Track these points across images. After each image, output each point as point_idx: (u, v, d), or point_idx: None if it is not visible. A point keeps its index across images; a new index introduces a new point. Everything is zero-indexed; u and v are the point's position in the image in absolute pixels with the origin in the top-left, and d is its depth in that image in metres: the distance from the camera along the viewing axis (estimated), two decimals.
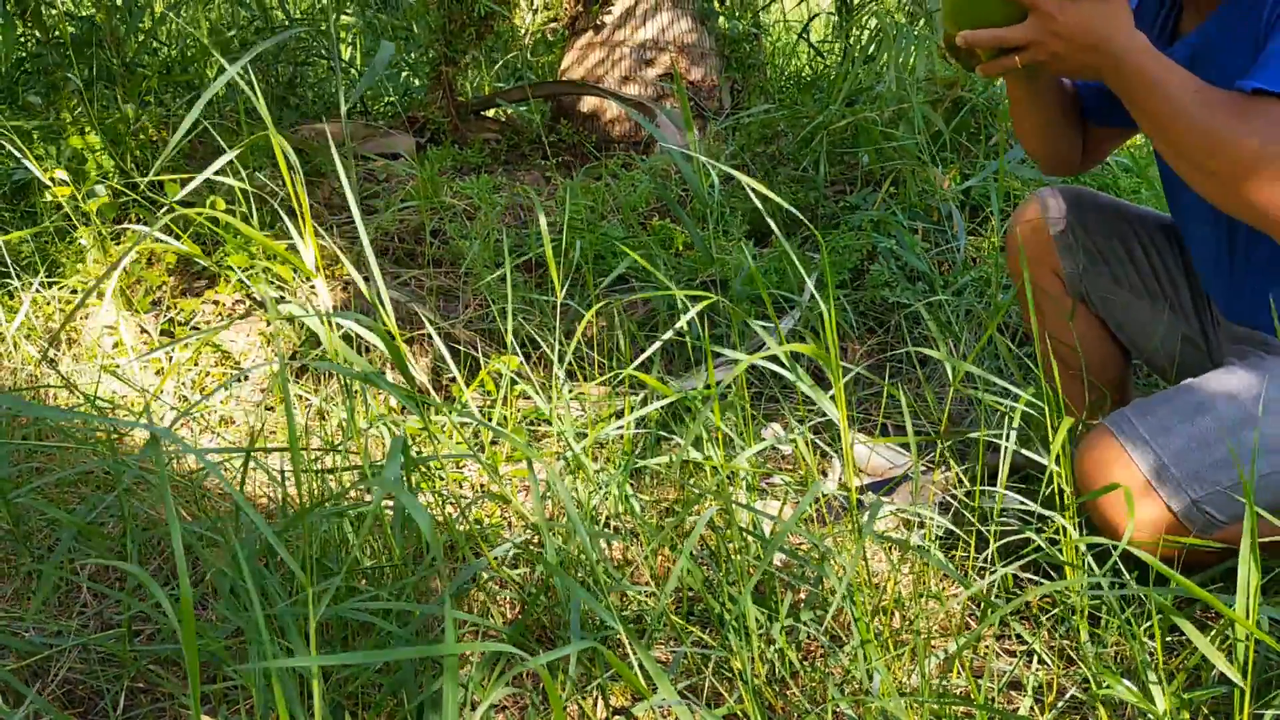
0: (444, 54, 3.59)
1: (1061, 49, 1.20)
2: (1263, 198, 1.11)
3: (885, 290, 2.45)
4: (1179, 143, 1.18)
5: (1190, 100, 1.15)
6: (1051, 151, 1.64)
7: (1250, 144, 1.11)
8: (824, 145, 2.89)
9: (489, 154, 3.51)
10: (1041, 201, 1.72)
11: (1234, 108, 1.13)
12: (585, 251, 2.38)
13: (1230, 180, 1.14)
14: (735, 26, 3.83)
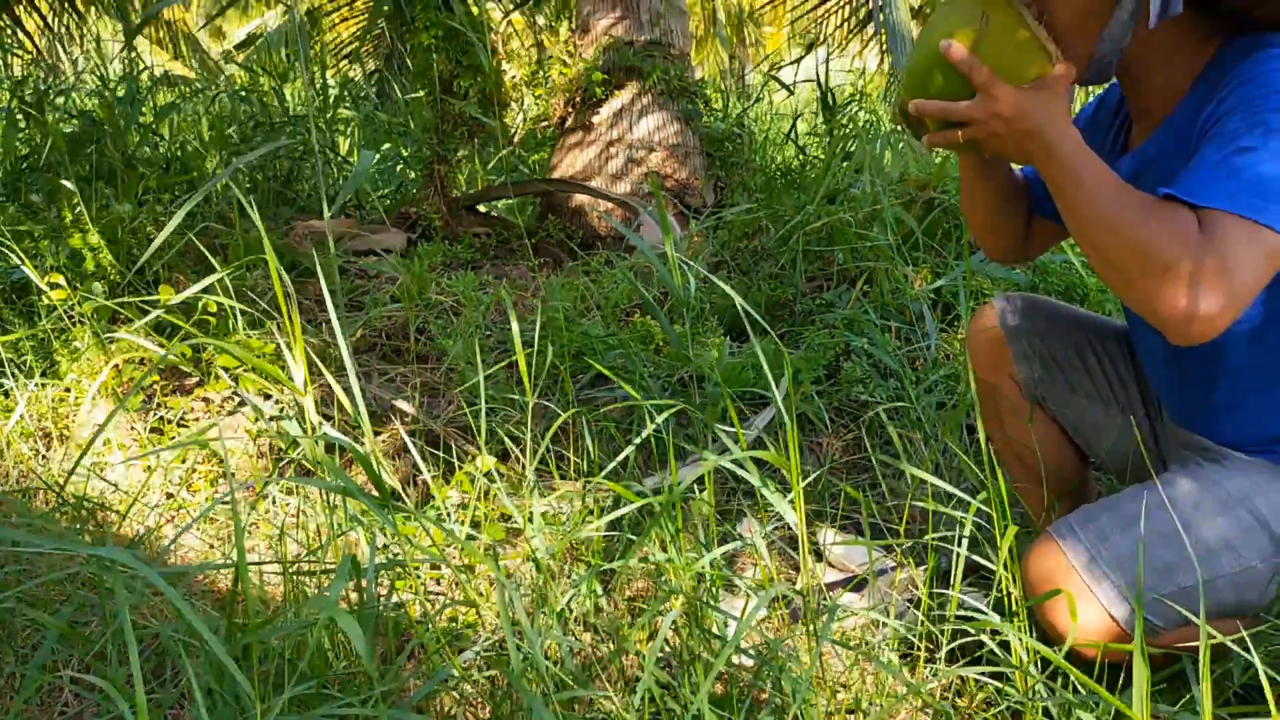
0: (436, 152, 3.71)
1: (1000, 129, 1.27)
2: (1155, 296, 1.16)
3: (859, 387, 2.52)
4: (1089, 233, 1.24)
5: (1105, 194, 1.22)
6: (996, 238, 1.70)
7: (1150, 242, 1.16)
8: (800, 244, 2.98)
9: (478, 249, 3.61)
10: (998, 309, 1.79)
11: (1142, 207, 1.19)
12: (565, 348, 2.45)
13: (1129, 275, 1.19)
14: (719, 127, 3.96)
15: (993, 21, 1.28)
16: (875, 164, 3.21)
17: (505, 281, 3.17)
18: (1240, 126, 1.20)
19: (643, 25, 3.86)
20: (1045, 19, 1.34)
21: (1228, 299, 1.13)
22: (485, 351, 2.60)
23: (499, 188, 3.88)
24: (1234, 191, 1.16)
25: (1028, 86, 1.27)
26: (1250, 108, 1.21)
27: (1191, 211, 1.17)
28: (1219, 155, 1.19)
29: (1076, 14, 1.33)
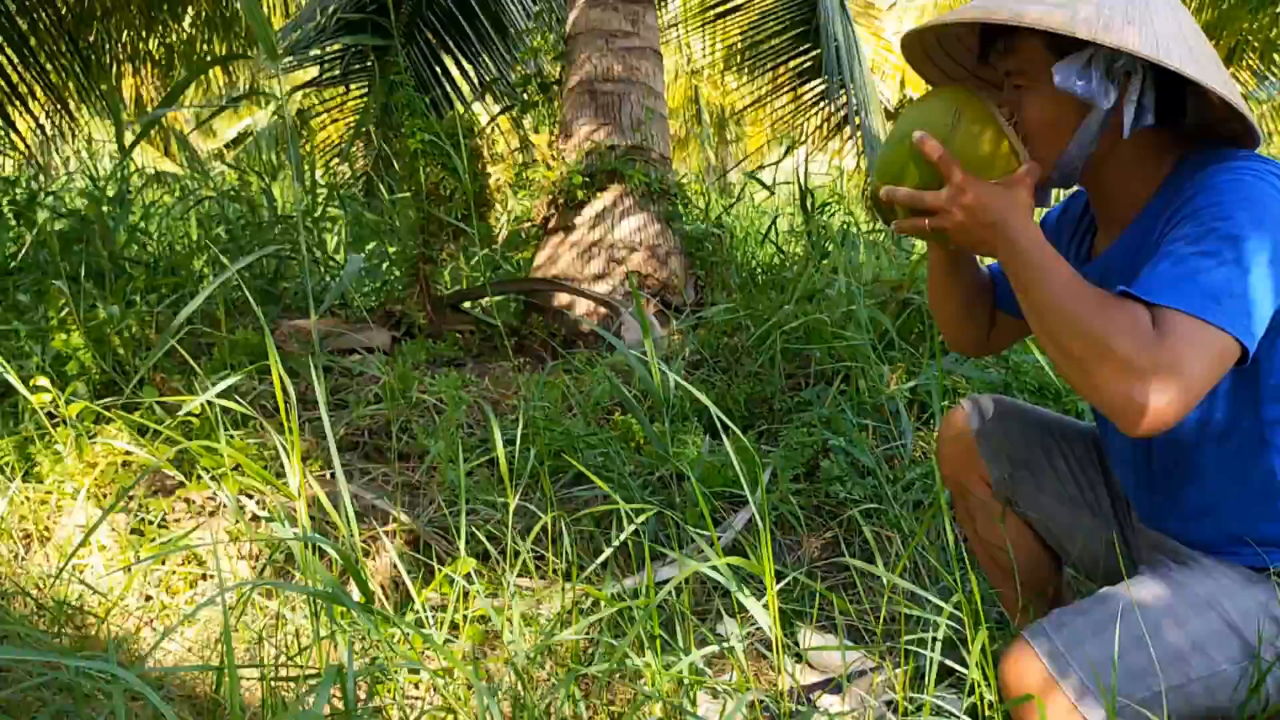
0: (422, 252, 3.78)
1: (965, 220, 1.33)
2: (1108, 388, 1.20)
3: (837, 485, 2.55)
4: (1047, 325, 1.28)
5: (1063, 288, 1.27)
6: (962, 331, 1.75)
7: (1104, 336, 1.20)
8: (778, 343, 3.03)
9: (462, 347, 3.65)
10: (967, 410, 1.82)
11: (1098, 302, 1.24)
12: (546, 448, 2.48)
13: (1084, 366, 1.23)
14: (698, 227, 4.05)
15: (964, 118, 1.35)
16: (851, 265, 3.28)
17: (488, 380, 3.20)
18: (1194, 232, 1.26)
19: (624, 131, 3.97)
20: (1014, 121, 1.42)
21: (1178, 394, 1.17)
22: (467, 450, 2.62)
23: (482, 287, 3.94)
24: (1187, 292, 1.21)
25: (995, 182, 1.33)
26: (1204, 215, 1.27)
27: (1146, 309, 1.22)
28: (1173, 257, 1.25)
29: (1044, 120, 1.40)
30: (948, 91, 1.40)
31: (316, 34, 5.65)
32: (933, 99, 1.40)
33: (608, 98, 4.00)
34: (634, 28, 4.01)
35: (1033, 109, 1.41)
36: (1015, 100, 1.43)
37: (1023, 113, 1.42)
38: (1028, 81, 1.41)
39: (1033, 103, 1.41)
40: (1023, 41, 1.39)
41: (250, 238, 4.31)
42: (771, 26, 6.37)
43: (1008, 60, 1.43)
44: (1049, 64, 1.37)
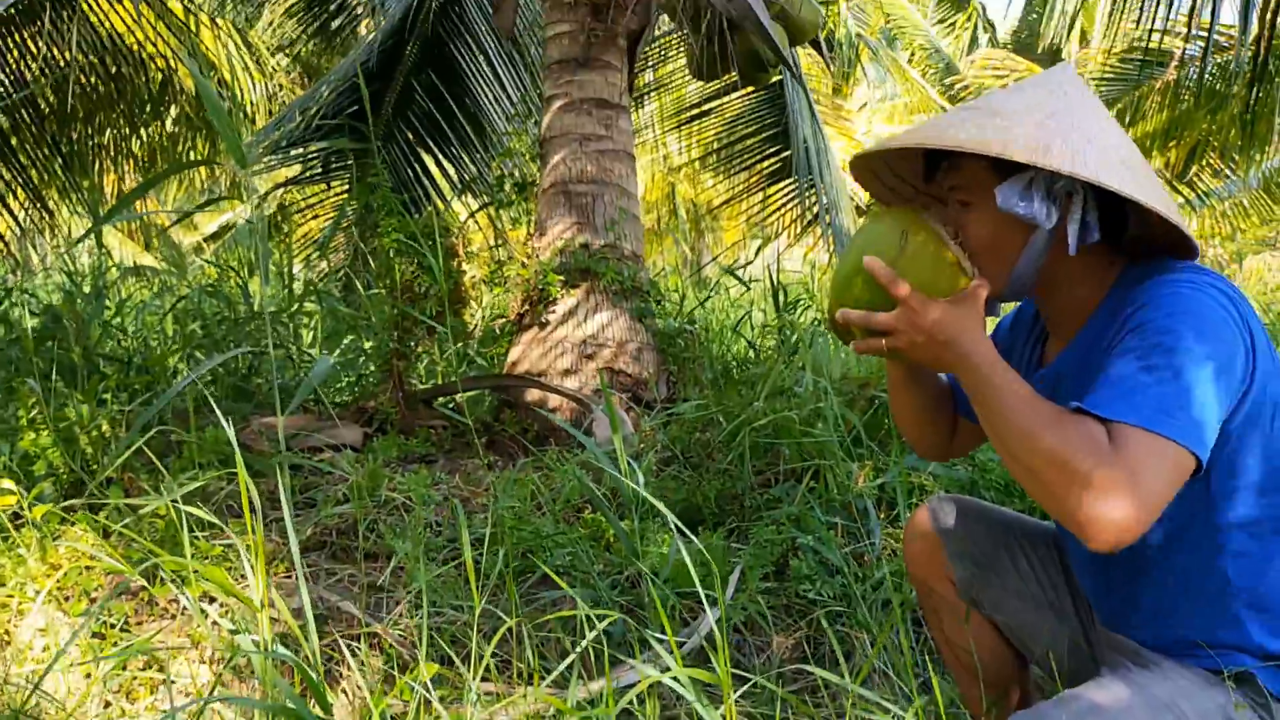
0: (396, 348, 3.81)
1: (919, 339, 1.36)
2: (1069, 503, 1.22)
3: (806, 584, 2.54)
4: (1005, 441, 1.31)
5: (1018, 405, 1.29)
6: (923, 436, 1.78)
7: (1062, 452, 1.22)
8: (747, 440, 3.05)
9: (434, 443, 3.65)
10: (931, 511, 1.84)
11: (1054, 419, 1.27)
12: (515, 548, 2.47)
13: (1044, 482, 1.25)
14: (670, 324, 4.10)
15: (911, 239, 1.39)
16: (819, 361, 3.33)
17: (458, 477, 3.20)
18: (1140, 346, 1.29)
19: (597, 230, 4.05)
20: (960, 240, 1.46)
21: (1139, 508, 1.19)
22: (435, 550, 2.61)
23: (455, 382, 3.96)
24: (1138, 405, 1.24)
25: (946, 300, 1.37)
26: (1148, 329, 1.30)
27: (1101, 424, 1.25)
28: (1123, 372, 1.28)
29: (990, 239, 1.45)
30: (894, 212, 1.44)
31: (299, 133, 5.76)
32: (880, 220, 1.44)
33: (582, 198, 4.08)
34: (607, 131, 4.12)
35: (978, 227, 1.46)
36: (961, 218, 1.47)
37: (968, 231, 1.46)
38: (972, 200, 1.46)
39: (978, 221, 1.46)
40: (966, 162, 1.45)
41: (225, 334, 4.33)
42: (742, 129, 6.53)
43: (952, 179, 1.48)
44: (992, 184, 1.42)
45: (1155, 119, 9.24)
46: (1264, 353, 1.35)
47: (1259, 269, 16.47)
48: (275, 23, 7.98)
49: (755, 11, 3.39)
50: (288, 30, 7.73)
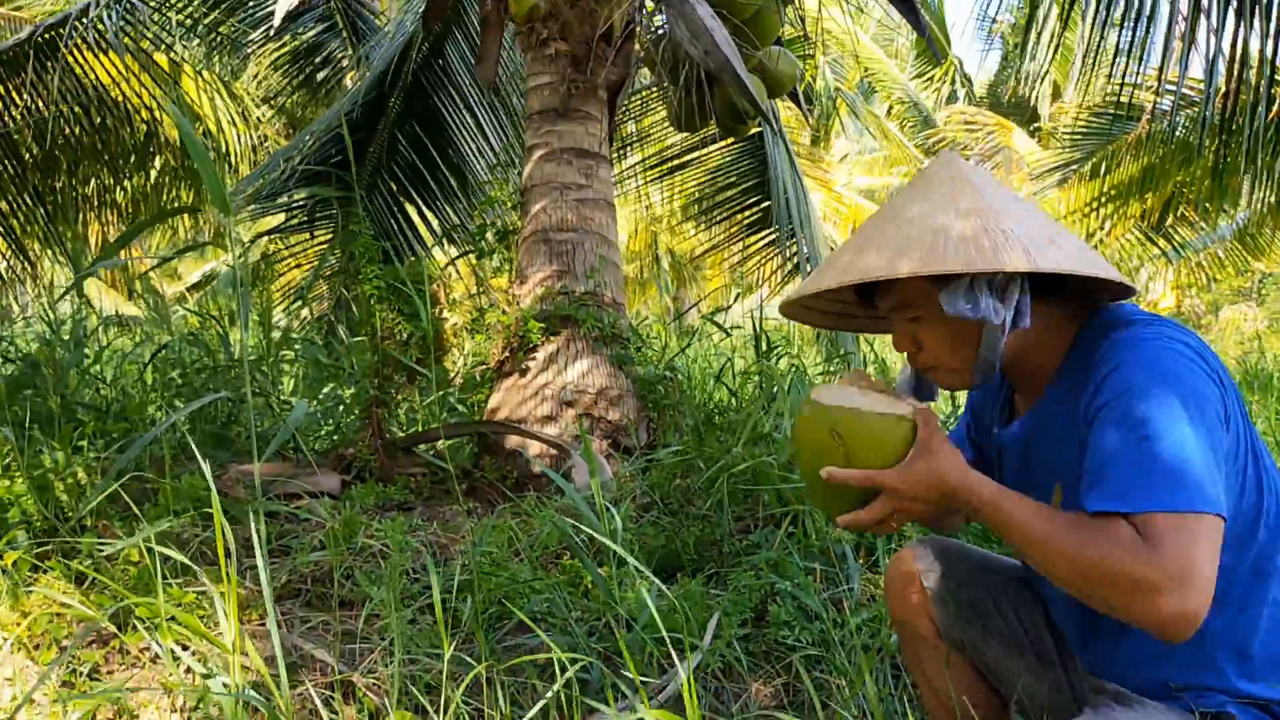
0: (376, 395, 3.80)
1: (915, 508, 1.39)
2: (1134, 611, 1.22)
3: (785, 630, 2.54)
4: (1046, 568, 1.31)
5: (1040, 529, 1.30)
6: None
7: (1106, 565, 1.23)
8: (726, 486, 3.06)
9: (413, 490, 3.64)
10: (915, 554, 1.84)
11: (1079, 530, 1.27)
12: (491, 594, 2.46)
13: (1102, 596, 1.26)
14: (651, 370, 4.12)
15: (843, 430, 1.39)
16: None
17: (436, 524, 3.19)
18: (1130, 416, 1.30)
19: (577, 277, 4.07)
20: (918, 351, 1.52)
21: (1199, 591, 1.20)
22: (411, 597, 2.60)
23: (435, 429, 3.95)
24: (1155, 489, 1.24)
25: (914, 458, 1.38)
26: (1131, 396, 1.31)
27: (1126, 519, 1.25)
28: (1122, 450, 1.28)
29: (948, 341, 1.49)
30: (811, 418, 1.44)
31: (283, 182, 5.79)
32: (805, 430, 1.45)
33: (562, 246, 4.11)
34: (587, 180, 4.16)
35: (933, 335, 1.50)
36: (911, 332, 1.52)
37: (924, 341, 1.51)
38: (920, 314, 1.50)
39: (931, 330, 1.50)
40: (901, 281, 1.48)
41: (204, 382, 4.32)
42: (723, 180, 6.61)
43: (889, 299, 1.53)
44: (931, 293, 1.46)
45: (1130, 169, 9.37)
46: (1234, 400, 1.38)
47: (1235, 319, 16.66)
48: (261, 75, 8.07)
49: (732, 64, 3.45)
50: (273, 82, 7.81)
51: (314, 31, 7.29)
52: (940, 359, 1.51)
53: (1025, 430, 1.56)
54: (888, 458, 1.37)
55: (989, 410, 1.72)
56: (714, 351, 7.39)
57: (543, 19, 4.08)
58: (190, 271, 19.10)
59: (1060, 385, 1.49)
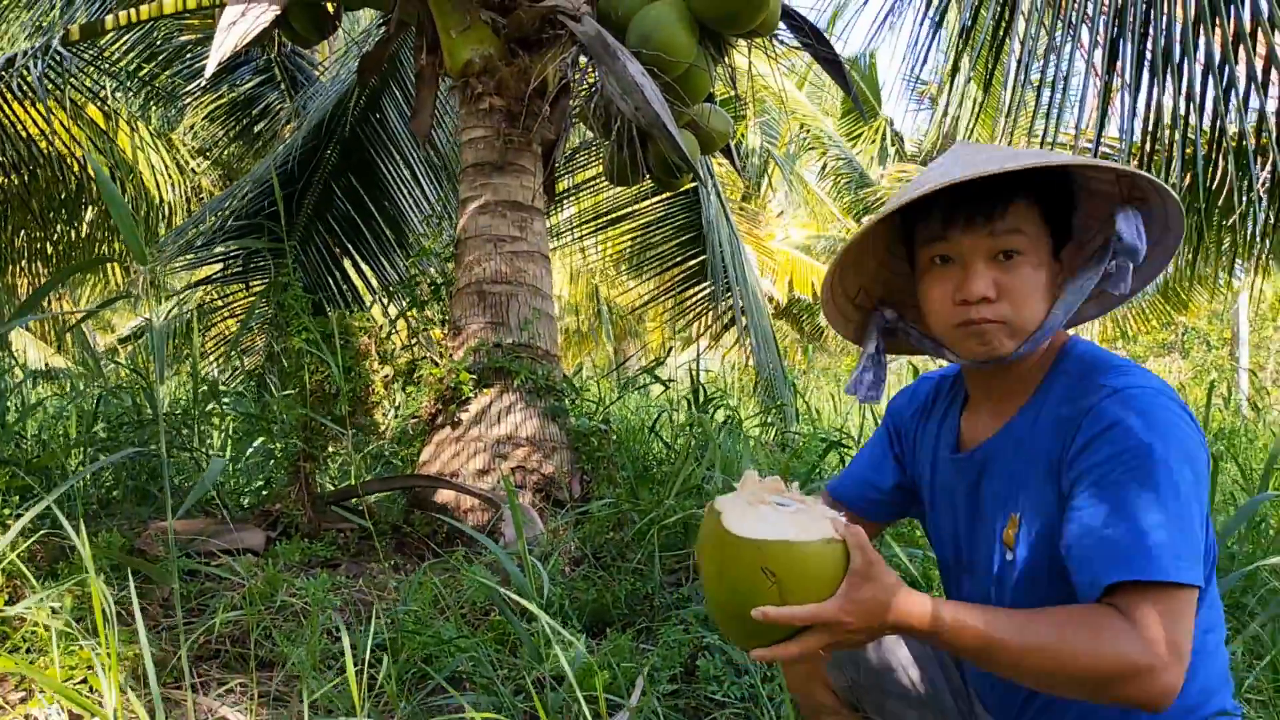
0: (304, 449, 3.74)
1: (859, 638, 1.26)
2: (1130, 694, 1.19)
3: (713, 685, 2.52)
4: (1027, 677, 1.24)
5: (1012, 638, 1.21)
6: None
7: (1107, 660, 1.18)
8: (657, 539, 3.05)
9: (340, 546, 3.57)
10: None
11: (1059, 628, 1.21)
12: (416, 653, 2.41)
13: (1096, 690, 1.21)
14: (584, 423, 4.11)
15: (776, 564, 1.24)
16: (728, 460, 3.35)
17: (362, 581, 3.13)
18: (1128, 484, 1.26)
19: (511, 329, 4.07)
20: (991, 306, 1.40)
21: (1181, 663, 1.20)
22: (333, 657, 2.54)
23: (364, 484, 3.90)
24: (1151, 560, 1.22)
25: (849, 584, 1.24)
26: (1128, 460, 1.27)
27: (1109, 607, 1.22)
28: (1136, 526, 1.24)
29: (1032, 292, 1.40)
30: (732, 551, 1.26)
31: (214, 233, 5.73)
32: (727, 564, 1.27)
33: (496, 298, 4.10)
34: (522, 233, 4.17)
35: (1021, 279, 1.40)
36: (996, 274, 1.40)
37: (1009, 285, 1.40)
38: (1023, 245, 1.40)
39: (1020, 272, 1.40)
40: (1018, 202, 1.39)
41: (128, 436, 4.22)
42: (659, 233, 6.67)
43: (999, 223, 1.39)
44: (1041, 227, 1.41)
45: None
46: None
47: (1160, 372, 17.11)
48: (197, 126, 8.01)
49: (663, 120, 3.50)
50: (209, 134, 7.76)
51: (251, 83, 7.27)
52: (1018, 310, 1.40)
53: (984, 455, 1.52)
54: (824, 590, 1.23)
55: (930, 437, 1.67)
56: (652, 404, 7.40)
57: (478, 74, 4.11)
58: (124, 324, 18.74)
59: (1032, 412, 1.46)
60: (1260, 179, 3.78)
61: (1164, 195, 1.38)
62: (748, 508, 1.30)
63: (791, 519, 1.27)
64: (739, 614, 1.25)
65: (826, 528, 1.26)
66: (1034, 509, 1.41)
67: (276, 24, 4.55)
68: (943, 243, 1.42)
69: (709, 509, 1.32)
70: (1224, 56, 3.36)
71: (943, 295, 1.44)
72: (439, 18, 4.12)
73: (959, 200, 1.39)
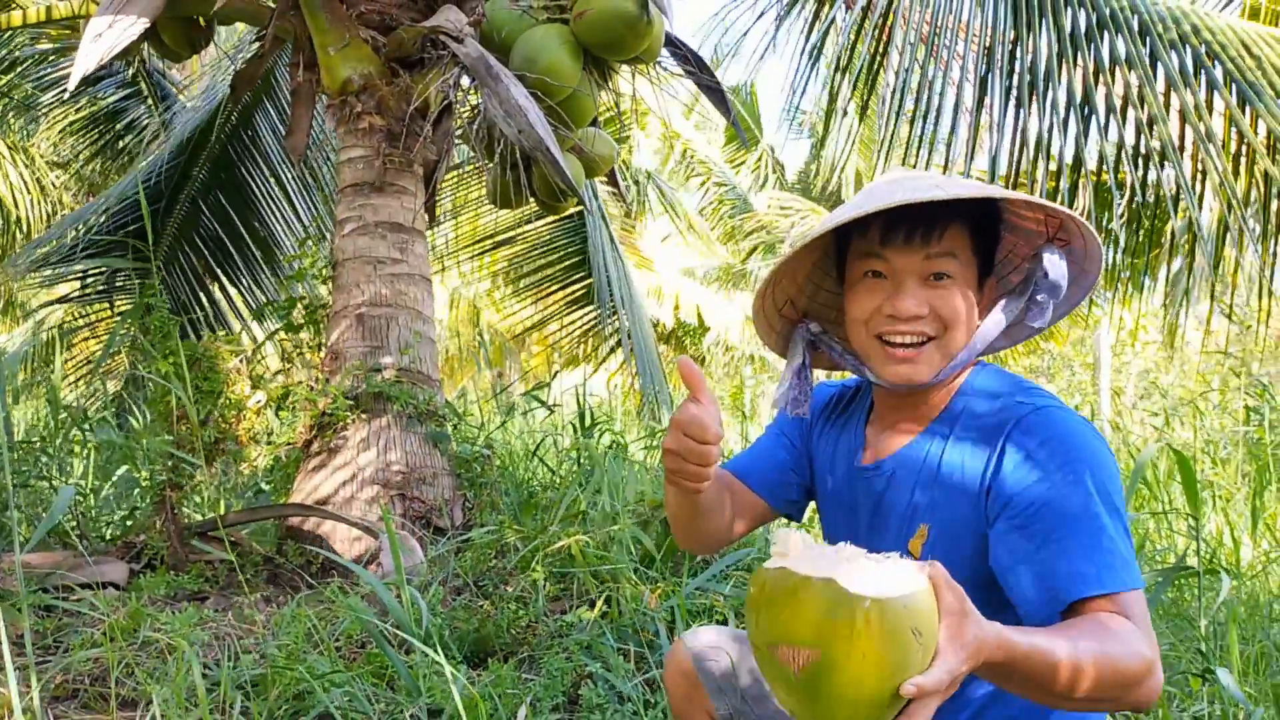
0: (169, 478, 3.58)
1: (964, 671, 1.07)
2: (1147, 693, 1.21)
3: (596, 714, 2.48)
4: (1082, 698, 1.18)
5: (1082, 651, 1.16)
6: (703, 539, 1.69)
7: (1132, 662, 1.18)
8: (541, 566, 3.00)
9: (208, 579, 3.42)
10: (689, 647, 1.78)
11: (1101, 641, 1.19)
12: (287, 689, 2.32)
13: (1132, 694, 1.20)
14: (466, 449, 4.04)
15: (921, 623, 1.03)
16: (615, 484, 3.33)
17: (231, 615, 3.00)
18: (1074, 497, 1.31)
19: (391, 353, 3.98)
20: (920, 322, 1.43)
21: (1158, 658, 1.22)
22: (195, 695, 2.42)
23: (234, 514, 3.75)
24: (1120, 571, 1.27)
25: (951, 626, 1.05)
26: (1070, 474, 1.32)
27: (1111, 615, 1.25)
28: (1085, 532, 1.28)
29: (966, 311, 1.46)
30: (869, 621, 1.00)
31: (72, 250, 5.46)
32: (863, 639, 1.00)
33: (375, 321, 4.01)
34: (402, 255, 4.09)
35: (952, 303, 1.44)
36: (929, 296, 1.44)
37: (940, 308, 1.43)
38: (955, 270, 1.44)
39: (951, 297, 1.44)
40: (953, 227, 1.44)
41: None
42: (543, 257, 6.64)
43: (934, 246, 1.43)
44: (971, 253, 1.46)
45: None
46: None
47: None
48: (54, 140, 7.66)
49: (546, 144, 3.48)
50: (69, 147, 7.43)
51: (116, 97, 6.98)
52: (944, 335, 1.44)
53: (893, 467, 1.53)
54: (932, 641, 1.04)
55: (846, 445, 1.67)
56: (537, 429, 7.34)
57: (357, 93, 4.03)
58: None
59: (945, 427, 1.49)
60: (1119, 211, 3.96)
61: (1087, 236, 1.44)
62: (843, 562, 1.05)
63: (879, 566, 1.05)
64: (878, 700, 1.02)
65: (912, 567, 1.05)
66: (947, 520, 1.44)
67: (145, 37, 4.39)
68: (878, 259, 1.45)
69: (777, 584, 1.06)
70: (1085, 92, 3.52)
71: (871, 306, 1.47)
72: (316, 35, 4.03)
73: (898, 219, 1.42)
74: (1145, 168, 3.68)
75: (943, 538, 1.44)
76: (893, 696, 1.00)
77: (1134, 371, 14.83)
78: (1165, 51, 3.51)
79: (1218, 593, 2.91)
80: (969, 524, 1.41)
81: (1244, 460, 5.60)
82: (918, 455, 1.51)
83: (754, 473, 1.77)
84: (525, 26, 3.98)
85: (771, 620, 1.04)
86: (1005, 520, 1.35)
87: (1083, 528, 1.29)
